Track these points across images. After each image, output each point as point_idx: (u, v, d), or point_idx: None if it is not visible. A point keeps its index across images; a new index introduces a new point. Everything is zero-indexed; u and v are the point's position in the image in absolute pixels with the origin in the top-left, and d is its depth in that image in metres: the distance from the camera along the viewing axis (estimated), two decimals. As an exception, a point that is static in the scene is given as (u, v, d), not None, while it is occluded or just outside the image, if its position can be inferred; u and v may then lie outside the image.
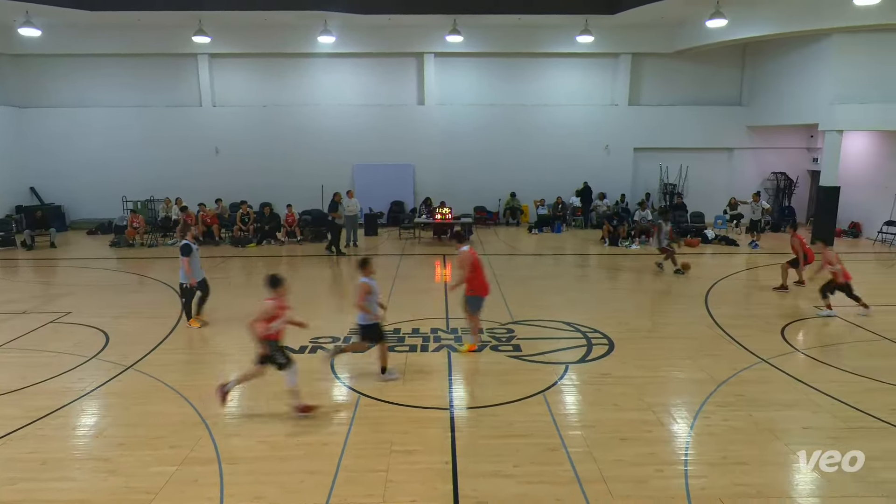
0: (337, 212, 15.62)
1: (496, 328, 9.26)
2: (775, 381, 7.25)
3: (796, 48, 17.61)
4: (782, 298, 11.16)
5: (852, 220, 18.23)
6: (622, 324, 9.47)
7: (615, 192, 20.18)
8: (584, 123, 20.42)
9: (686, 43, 18.97)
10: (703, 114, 20.37)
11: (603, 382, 7.21)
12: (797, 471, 5.35)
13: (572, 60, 20.26)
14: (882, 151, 17.43)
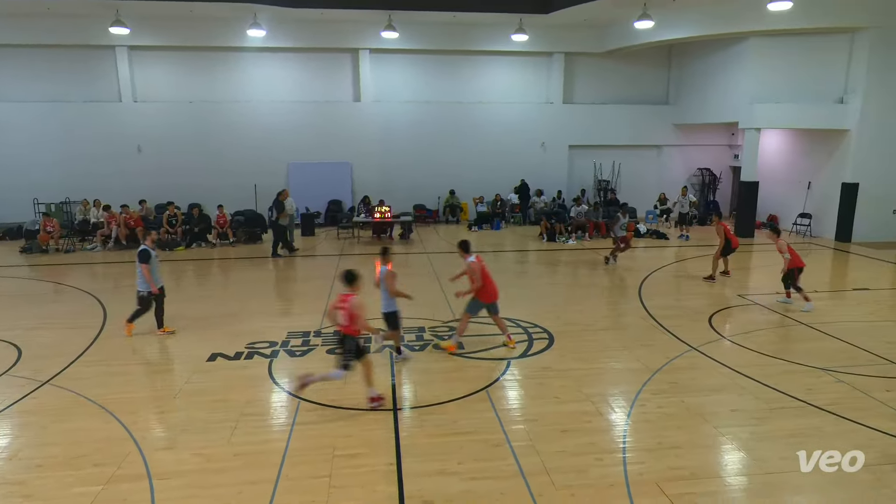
0: (283, 211, 15.19)
1: (439, 326, 9.30)
2: (704, 367, 7.66)
3: (718, 50, 18.63)
4: (710, 288, 11.80)
5: (770, 212, 19.48)
6: (561, 318, 9.72)
7: (552, 189, 20.69)
8: (520, 121, 20.81)
9: (616, 43, 19.68)
10: (633, 112, 21.20)
11: (544, 376, 7.39)
12: (726, 451, 5.67)
13: (508, 59, 20.59)
14: (795, 148, 18.72)
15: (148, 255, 8.64)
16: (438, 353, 8.20)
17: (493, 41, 19.78)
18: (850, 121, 16.42)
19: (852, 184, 16.63)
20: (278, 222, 15.13)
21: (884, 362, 7.84)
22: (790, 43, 16.79)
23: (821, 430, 6.01)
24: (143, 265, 8.58)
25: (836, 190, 16.98)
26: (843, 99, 16.60)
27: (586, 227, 17.67)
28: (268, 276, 13.36)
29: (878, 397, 6.77)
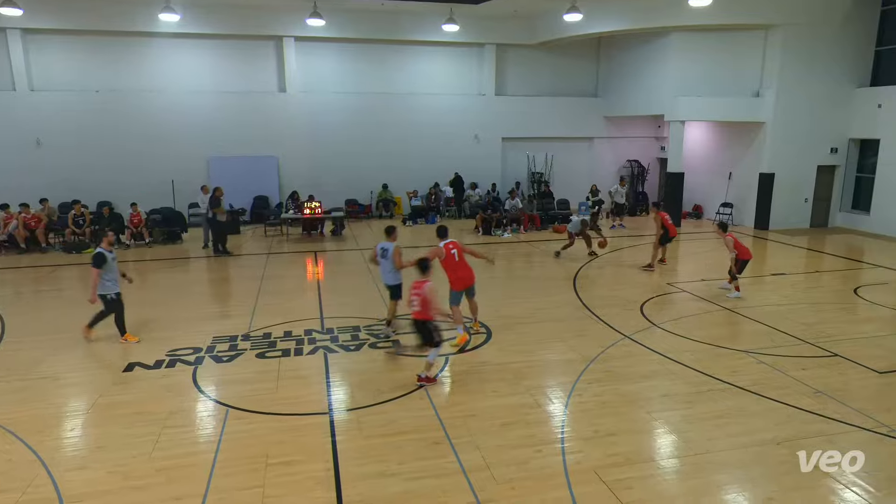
0: (220, 207, 14.63)
1: (374, 324, 9.24)
2: (637, 354, 8.02)
3: (643, 44, 19.45)
4: (642, 277, 12.35)
5: (695, 202, 20.59)
6: (499, 311, 9.89)
7: (486, 182, 20.96)
8: (453, 113, 20.94)
9: (546, 35, 20.14)
10: (564, 104, 21.79)
11: (482, 370, 7.50)
12: (658, 436, 5.98)
13: (439, 49, 20.64)
14: (717, 140, 19.85)
15: (103, 260, 8.21)
16: (375, 351, 8.15)
17: (424, 31, 19.77)
18: (765, 113, 17.59)
19: (768, 174, 17.84)
20: (216, 218, 14.62)
21: (799, 342, 8.48)
22: (710, 38, 17.76)
23: (745, 410, 6.44)
24: (94, 270, 8.17)
25: (755, 180, 18.17)
26: (759, 93, 17.76)
27: (521, 220, 18.04)
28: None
29: (794, 376, 7.32)
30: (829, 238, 17.09)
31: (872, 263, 13.69)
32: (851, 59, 17.54)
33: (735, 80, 17.84)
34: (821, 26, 17.01)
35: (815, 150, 17.96)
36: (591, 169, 22.47)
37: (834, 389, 6.95)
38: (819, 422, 6.20)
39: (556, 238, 16.50)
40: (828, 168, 18.35)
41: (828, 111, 17.72)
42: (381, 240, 9.00)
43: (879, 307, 10.29)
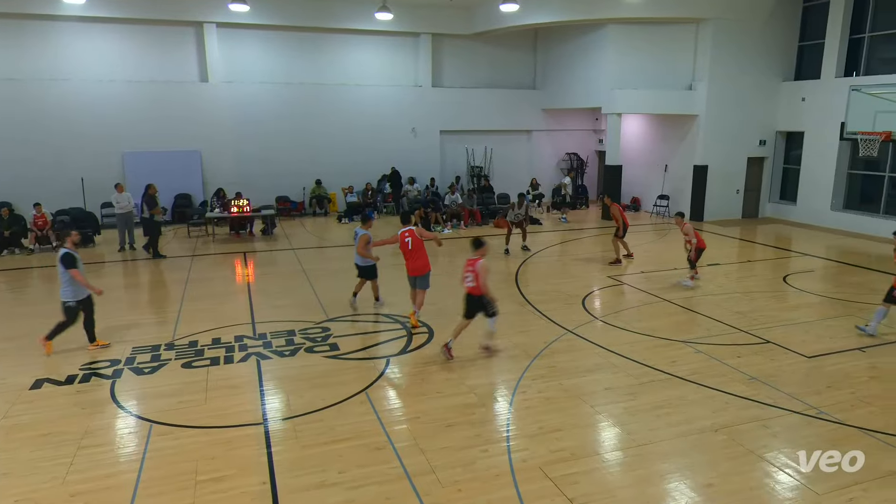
0: (157, 207, 14.00)
1: (310, 328, 9.09)
2: (580, 349, 8.25)
3: (580, 36, 19.98)
4: (582, 270, 12.70)
5: (633, 195, 21.37)
6: (440, 310, 9.93)
7: (425, 176, 20.99)
8: (389, 105, 20.82)
9: (483, 26, 20.34)
10: (502, 96, 22.09)
11: (425, 371, 7.52)
12: (602, 429, 6.18)
13: (373, 38, 20.47)
14: (653, 132, 20.67)
15: (74, 259, 7.87)
16: (311, 356, 8.02)
17: (356, 19, 19.54)
18: (698, 106, 18.45)
19: (702, 166, 18.74)
20: (153, 219, 14.02)
21: (733, 331, 8.97)
22: (645, 31, 18.46)
23: (684, 399, 6.75)
24: (72, 270, 7.82)
25: (689, 172, 19.04)
26: (692, 86, 18.61)
27: (461, 216, 18.17)
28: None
29: (730, 364, 7.74)
30: (760, 228, 18.14)
31: (800, 252, 14.64)
32: (777, 54, 18.65)
33: (669, 73, 18.62)
34: (748, 21, 17.99)
35: (745, 142, 19.00)
36: (530, 162, 22.90)
37: (767, 375, 7.40)
38: (754, 407, 6.58)
39: (498, 233, 16.72)
40: (757, 160, 19.46)
41: (756, 104, 18.78)
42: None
43: (807, 294, 11.02)
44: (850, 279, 12.21)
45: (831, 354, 8.08)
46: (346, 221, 18.88)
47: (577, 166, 23.17)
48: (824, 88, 17.48)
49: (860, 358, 7.98)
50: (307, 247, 15.25)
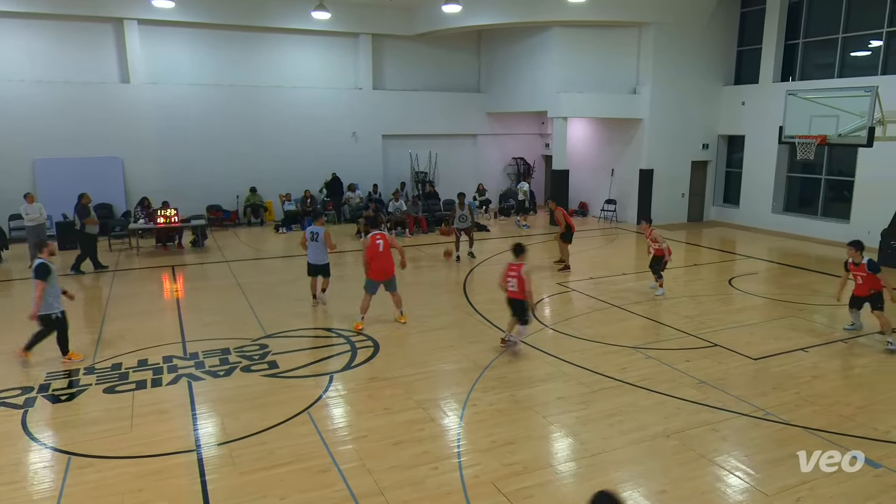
0: (91, 217, 13.39)
1: (247, 345, 8.86)
2: (531, 358, 8.36)
3: (524, 38, 20.38)
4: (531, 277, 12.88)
5: (580, 200, 21.90)
6: (385, 322, 9.87)
7: (367, 183, 20.87)
8: (327, 108, 20.63)
9: (425, 27, 20.47)
10: (446, 99, 22.26)
11: (371, 387, 7.45)
12: (555, 440, 6.27)
13: (310, 38, 20.27)
14: (600, 136, 21.27)
15: (47, 271, 7.90)
16: (248, 376, 7.82)
17: (292, 18, 19.32)
18: (642, 110, 19.12)
19: (647, 170, 19.41)
20: (85, 231, 13.36)
21: (682, 335, 9.30)
22: (590, 34, 19.01)
23: (636, 406, 6.93)
24: (37, 281, 7.81)
25: (635, 176, 19.67)
26: (636, 89, 19.28)
27: (406, 223, 18.15)
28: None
29: (680, 368, 8.01)
30: (705, 231, 18.92)
31: (744, 255, 15.33)
32: (717, 58, 19.57)
33: (614, 76, 19.24)
34: (688, 25, 18.82)
35: (688, 146, 19.81)
36: (476, 167, 23.13)
37: (715, 379, 7.69)
38: (704, 411, 6.82)
39: (444, 241, 16.80)
40: (701, 164, 20.31)
41: (698, 108, 19.62)
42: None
43: (751, 296, 11.54)
44: (791, 281, 12.87)
45: (776, 356, 8.48)
46: (283, 231, 18.53)
47: (523, 171, 23.56)
48: (762, 93, 18.44)
49: (804, 358, 8.41)
50: (242, 259, 14.88)
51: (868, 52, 16.58)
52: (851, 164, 16.43)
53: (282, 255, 15.42)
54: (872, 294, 8.86)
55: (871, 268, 8.80)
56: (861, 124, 12.15)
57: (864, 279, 8.88)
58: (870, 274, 8.81)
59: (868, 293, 8.90)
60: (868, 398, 7.19)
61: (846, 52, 16.99)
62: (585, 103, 19.14)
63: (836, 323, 10.04)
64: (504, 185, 23.57)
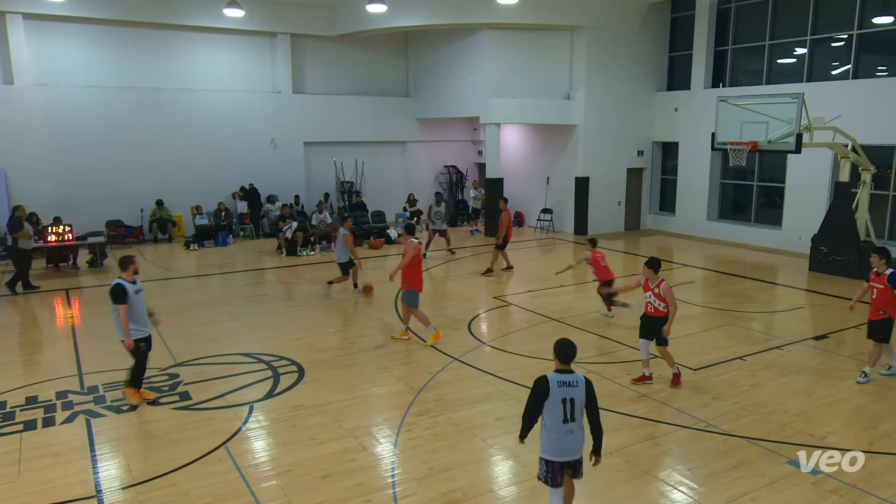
0: (23, 231, 12.69)
1: (154, 375, 8.49)
2: (468, 378, 8.41)
3: (454, 41, 20.67)
4: (467, 291, 13.00)
5: (516, 209, 22.30)
6: (311, 344, 9.72)
7: (288, 194, 20.51)
8: (243, 113, 20.19)
9: (348, 27, 20.43)
10: (373, 105, 22.24)
11: (296, 416, 7.30)
12: (495, 463, 6.32)
13: (222, 37, 19.82)
14: (534, 143, 21.77)
15: (123, 293, 7.32)
16: (155, 409, 7.49)
17: (202, 15, 18.85)
18: (576, 116, 19.74)
19: (583, 177, 20.01)
20: (18, 247, 12.69)
21: (623, 348, 9.60)
22: (522, 37, 19.49)
23: (578, 424, 7.08)
24: (118, 306, 7.31)
25: (571, 183, 20.24)
26: (570, 95, 19.89)
27: (332, 237, 17.94)
28: None
29: (622, 382, 8.25)
30: (643, 240, 19.65)
31: (681, 263, 16.01)
32: (650, 64, 20.48)
33: (548, 81, 19.78)
34: (621, 30, 19.62)
35: (624, 152, 20.58)
36: (406, 176, 23.19)
37: (656, 391, 7.97)
38: (646, 425, 7.05)
39: (372, 254, 16.71)
40: (636, 171, 21.13)
41: (633, 114, 20.44)
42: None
43: (690, 305, 12.05)
44: (727, 288, 13.54)
45: (715, 365, 8.88)
46: (195, 248, 17.93)
47: (456, 180, 23.80)
48: (694, 99, 19.43)
49: (742, 367, 8.84)
50: (148, 279, 14.26)
51: (794, 60, 17.80)
52: (781, 171, 17.52)
53: (194, 275, 14.90)
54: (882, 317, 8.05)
55: (890, 280, 7.92)
56: (789, 131, 13.01)
57: (879, 294, 8.06)
58: (888, 287, 7.94)
59: (876, 314, 8.10)
60: (804, 405, 7.63)
61: (773, 59, 18.17)
62: (518, 109, 19.57)
63: (772, 330, 10.63)
64: (436, 194, 23.70)
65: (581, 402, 4.77)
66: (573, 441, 4.79)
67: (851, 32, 16.06)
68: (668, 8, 20.43)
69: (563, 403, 4.70)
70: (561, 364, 4.87)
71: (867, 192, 14.50)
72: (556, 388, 4.71)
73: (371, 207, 21.13)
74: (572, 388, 4.74)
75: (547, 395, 4.70)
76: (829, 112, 13.88)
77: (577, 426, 4.79)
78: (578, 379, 4.80)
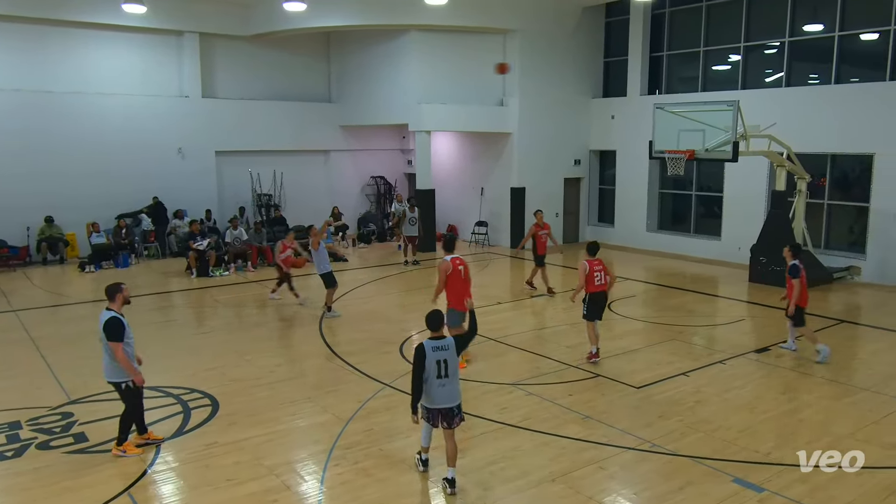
0: None
1: (44, 416, 8.06)
2: (401, 405, 8.33)
3: (379, 43, 20.72)
4: (396, 312, 12.95)
5: (449, 223, 22.46)
6: (225, 374, 9.50)
7: (198, 208, 19.96)
8: (146, 119, 19.55)
9: (264, 26, 20.19)
10: (292, 110, 21.99)
11: (210, 455, 7.09)
12: (431, 497, 6.29)
13: (122, 36, 19.20)
14: (467, 152, 22.04)
15: (121, 328, 6.91)
16: (45, 453, 7.09)
17: (97, 10, 18.20)
18: (510, 124, 20.13)
19: (519, 188, 20.38)
20: None
21: (564, 367, 9.77)
22: (452, 40, 19.75)
23: (519, 450, 7.15)
24: (112, 344, 6.86)
25: (507, 194, 20.57)
26: (503, 101, 20.27)
27: (248, 255, 17.58)
28: None
29: (563, 403, 8.39)
30: (582, 253, 20.06)
31: (621, 276, 16.46)
32: (584, 69, 21.14)
33: (480, 86, 20.08)
34: (554, 34, 20.19)
35: (560, 162, 21.11)
36: (330, 188, 22.99)
37: (600, 412, 8.15)
38: (590, 449, 7.18)
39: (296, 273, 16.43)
40: (574, 181, 21.70)
41: (568, 122, 21.02)
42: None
43: (631, 320, 12.42)
44: (669, 302, 14.03)
45: (659, 382, 9.16)
46: (91, 270, 17.18)
47: (384, 192, 23.77)
48: (631, 106, 20.16)
49: (685, 383, 9.16)
50: (35, 306, 13.59)
51: (729, 67, 18.76)
52: (720, 180, 18.37)
53: (90, 300, 14.26)
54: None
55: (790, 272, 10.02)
56: (726, 139, 13.67)
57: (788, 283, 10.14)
58: (788, 278, 10.07)
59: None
60: (748, 420, 7.96)
61: (709, 66, 19.10)
62: (450, 116, 19.78)
63: (715, 344, 11.07)
64: (362, 207, 23.60)
65: (453, 360, 6.26)
66: (447, 393, 6.25)
67: (783, 40, 17.10)
68: (602, 12, 21.18)
69: (438, 364, 6.15)
70: (433, 332, 6.37)
71: (803, 200, 15.37)
72: (431, 351, 6.16)
73: (291, 222, 20.81)
74: (444, 351, 6.21)
75: (425, 357, 6.12)
76: (765, 120, 14.64)
77: (450, 381, 6.24)
78: (448, 342, 6.31)
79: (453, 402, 6.30)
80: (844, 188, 16.73)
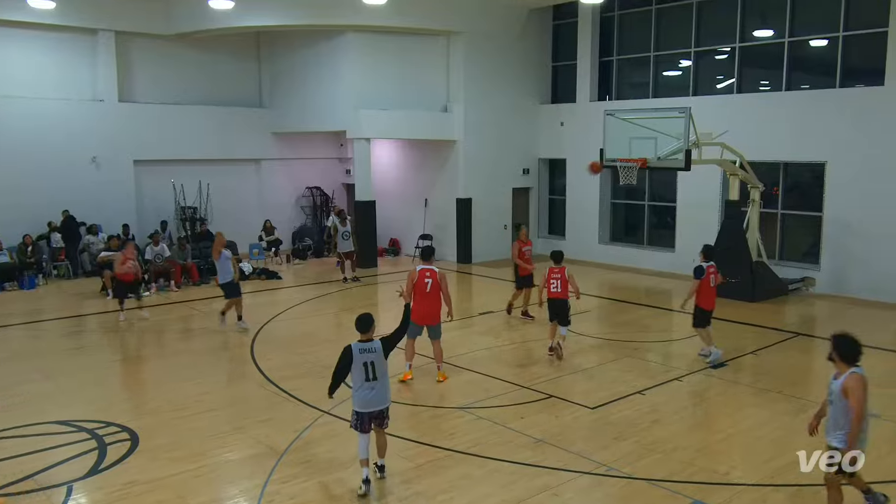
0: None
1: (-63, 457, 7.66)
2: (342, 433, 8.23)
3: (314, 44, 20.63)
4: (336, 332, 12.83)
5: (391, 236, 22.42)
6: (145, 405, 9.33)
7: (114, 223, 19.42)
8: (55, 125, 18.96)
9: (187, 25, 19.87)
10: (219, 116, 21.65)
11: (129, 495, 6.89)
12: (375, 532, 6.23)
13: (28, 34, 18.62)
14: (410, 161, 22.08)
15: None
16: (-59, 500, 6.75)
17: (2, 6, 17.63)
18: (455, 131, 20.29)
19: (465, 199, 20.52)
20: None
21: (515, 388, 9.83)
22: (392, 42, 19.80)
23: (469, 477, 7.15)
24: None
25: (452, 206, 20.67)
26: (447, 107, 20.43)
27: (171, 274, 17.20)
28: None
29: (514, 427, 8.44)
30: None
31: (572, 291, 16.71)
32: (532, 74, 21.52)
33: (423, 91, 20.21)
34: (500, 37, 20.49)
35: (508, 171, 21.37)
36: (261, 200, 22.68)
37: (553, 435, 8.22)
38: (544, 474, 7.23)
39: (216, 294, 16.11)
40: (522, 191, 21.98)
41: (516, 129, 21.33)
42: None
43: (585, 337, 12.60)
44: (623, 317, 14.31)
45: (614, 402, 9.30)
46: (-7, 292, 16.51)
47: (320, 203, 23.58)
48: (580, 112, 20.58)
49: (641, 402, 9.33)
50: None
51: (679, 73, 19.36)
52: (673, 189, 18.88)
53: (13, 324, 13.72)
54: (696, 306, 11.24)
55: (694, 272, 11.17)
56: (678, 147, 14.06)
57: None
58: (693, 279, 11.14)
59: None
60: (705, 439, 8.16)
61: (659, 72, 19.68)
62: (391, 122, 19.81)
63: (671, 361, 11.32)
64: (297, 221, 23.36)
65: (381, 363, 6.74)
66: (376, 396, 6.77)
67: (734, 45, 17.76)
68: (549, 14, 21.61)
69: (365, 366, 6.65)
70: (361, 335, 6.80)
71: (757, 210, 15.92)
72: (358, 353, 6.67)
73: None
74: (371, 354, 6.69)
75: (351, 360, 6.65)
76: (717, 127, 15.12)
77: (379, 384, 6.75)
78: (376, 346, 6.77)
79: (383, 404, 6.86)
80: (798, 197, 17.40)
